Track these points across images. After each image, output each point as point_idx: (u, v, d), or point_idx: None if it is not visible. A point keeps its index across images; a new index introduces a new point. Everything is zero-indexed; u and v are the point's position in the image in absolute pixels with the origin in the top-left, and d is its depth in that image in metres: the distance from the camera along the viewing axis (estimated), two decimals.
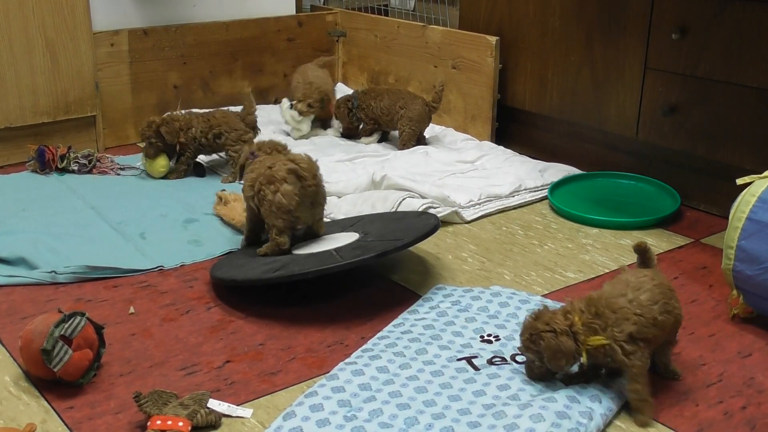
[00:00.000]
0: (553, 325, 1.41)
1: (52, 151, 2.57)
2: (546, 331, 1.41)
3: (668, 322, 1.45)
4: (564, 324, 1.41)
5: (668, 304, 1.45)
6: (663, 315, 1.43)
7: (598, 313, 1.41)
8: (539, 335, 1.42)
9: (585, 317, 1.42)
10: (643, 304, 1.42)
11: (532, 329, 1.43)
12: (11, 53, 2.59)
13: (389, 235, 1.87)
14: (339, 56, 3.43)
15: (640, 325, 1.40)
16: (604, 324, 1.41)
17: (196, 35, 3.02)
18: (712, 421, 1.44)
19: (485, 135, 2.87)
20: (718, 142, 2.28)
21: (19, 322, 1.72)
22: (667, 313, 1.44)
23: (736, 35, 2.18)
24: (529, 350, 1.46)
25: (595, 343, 1.40)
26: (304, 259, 1.82)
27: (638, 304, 1.42)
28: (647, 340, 1.41)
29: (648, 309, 1.42)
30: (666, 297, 1.45)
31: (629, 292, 1.43)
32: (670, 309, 1.45)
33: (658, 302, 1.43)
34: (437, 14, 3.13)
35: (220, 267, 1.93)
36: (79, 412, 1.45)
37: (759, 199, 1.69)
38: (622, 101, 2.51)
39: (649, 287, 1.44)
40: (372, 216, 2.13)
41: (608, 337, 1.40)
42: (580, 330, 1.41)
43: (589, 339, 1.41)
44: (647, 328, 1.41)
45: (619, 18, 2.46)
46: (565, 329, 1.41)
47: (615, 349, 1.39)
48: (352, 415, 1.41)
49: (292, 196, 1.85)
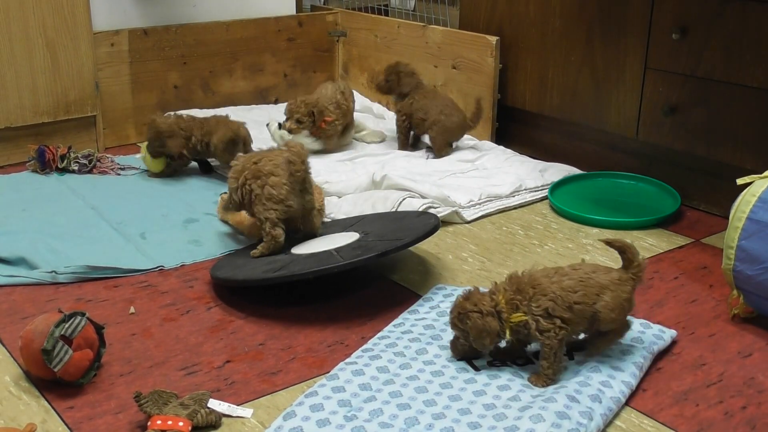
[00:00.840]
0: (480, 306, 1.48)
1: (53, 151, 2.57)
2: (473, 311, 1.48)
3: (585, 314, 1.48)
4: (490, 305, 1.48)
5: (588, 297, 1.47)
6: (580, 305, 1.47)
7: (519, 289, 1.48)
8: (467, 315, 1.48)
9: (508, 294, 1.49)
10: (563, 287, 1.47)
11: (461, 308, 1.50)
12: (11, 53, 2.59)
13: (389, 234, 1.88)
14: (339, 56, 3.43)
15: (556, 303, 1.46)
16: (524, 298, 1.48)
17: (196, 35, 3.02)
18: (713, 421, 1.44)
19: (485, 135, 2.86)
20: (718, 142, 2.28)
21: (19, 322, 1.72)
22: (585, 305, 1.47)
23: (737, 35, 2.18)
24: (456, 327, 1.53)
25: (516, 320, 1.47)
26: (304, 259, 1.82)
27: (558, 286, 1.47)
28: (564, 320, 1.46)
29: (566, 293, 1.47)
30: (589, 292, 1.48)
31: (554, 276, 1.49)
32: (589, 302, 1.48)
33: (577, 292, 1.47)
34: (437, 14, 3.13)
35: (221, 267, 1.93)
36: (80, 412, 1.45)
37: (759, 199, 1.69)
38: (622, 101, 2.51)
39: (576, 277, 1.49)
40: (372, 216, 2.13)
41: (526, 312, 1.47)
42: (503, 308, 1.48)
43: (511, 316, 1.48)
44: (563, 309, 1.46)
45: (619, 18, 2.46)
46: (490, 310, 1.48)
47: (531, 323, 1.46)
48: (353, 415, 1.41)
49: (281, 186, 1.88)
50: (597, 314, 1.49)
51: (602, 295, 1.48)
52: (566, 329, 1.47)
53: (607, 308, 1.48)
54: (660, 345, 1.63)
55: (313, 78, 3.37)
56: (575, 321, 1.48)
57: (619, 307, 1.50)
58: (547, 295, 1.47)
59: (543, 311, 1.46)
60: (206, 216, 2.27)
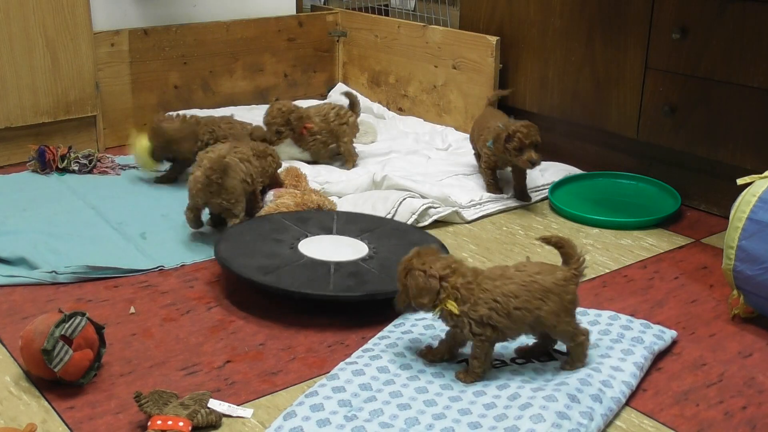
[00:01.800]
0: (427, 267, 1.47)
1: (53, 151, 2.57)
2: (418, 269, 1.47)
3: (525, 319, 1.47)
4: (441, 272, 1.47)
5: (530, 302, 1.46)
6: (520, 311, 1.46)
7: (469, 286, 1.47)
8: (411, 271, 1.48)
9: (460, 282, 1.47)
10: (505, 292, 1.46)
11: (408, 264, 1.49)
12: (11, 53, 2.59)
13: (392, 266, 1.85)
14: (339, 56, 3.43)
15: (494, 312, 1.45)
16: (468, 297, 1.46)
17: (196, 35, 3.02)
18: (713, 421, 1.44)
19: None
20: (718, 142, 2.28)
21: (19, 322, 1.72)
22: (526, 311, 1.46)
23: (737, 35, 2.18)
24: (400, 282, 1.51)
25: (449, 307, 1.46)
26: (299, 268, 1.82)
27: (501, 291, 1.46)
28: (496, 328, 1.46)
29: (507, 299, 1.45)
30: (532, 297, 1.46)
31: (499, 279, 1.48)
32: (531, 308, 1.46)
33: (519, 297, 1.46)
34: (438, 14, 3.13)
35: (228, 239, 1.94)
36: (80, 412, 1.45)
37: (759, 199, 1.69)
38: (622, 101, 2.51)
39: (519, 281, 1.47)
40: (392, 227, 2.09)
41: (462, 311, 1.46)
42: (449, 289, 1.46)
43: (447, 302, 1.46)
44: (500, 317, 1.45)
45: (619, 18, 2.46)
46: (434, 273, 1.46)
47: (465, 323, 1.46)
48: (353, 415, 1.41)
49: (195, 182, 2.04)
50: (540, 318, 1.47)
51: (546, 300, 1.46)
52: (498, 335, 1.47)
53: (550, 313, 1.47)
54: (660, 345, 1.63)
55: (313, 78, 3.37)
56: (512, 327, 1.47)
57: (564, 310, 1.48)
58: (488, 304, 1.45)
59: (478, 317, 1.45)
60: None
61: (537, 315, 1.47)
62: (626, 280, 1.97)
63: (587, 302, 1.84)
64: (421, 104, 3.11)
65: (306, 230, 2.02)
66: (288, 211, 2.14)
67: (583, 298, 1.86)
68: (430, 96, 3.07)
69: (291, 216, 2.10)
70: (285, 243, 1.95)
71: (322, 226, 2.06)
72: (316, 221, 2.08)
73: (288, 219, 2.08)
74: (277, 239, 1.96)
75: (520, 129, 2.25)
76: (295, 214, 2.12)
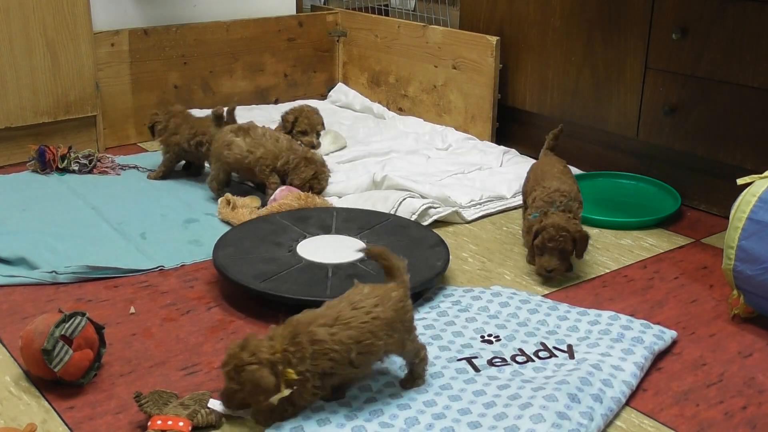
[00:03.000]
0: (259, 356, 1.32)
1: (53, 151, 2.57)
2: (251, 363, 1.32)
3: (368, 361, 1.39)
4: (269, 353, 1.33)
5: (374, 345, 1.37)
6: (362, 355, 1.37)
7: (296, 341, 1.34)
8: (243, 368, 1.32)
9: (284, 345, 1.34)
10: (344, 341, 1.35)
11: (238, 360, 1.33)
12: (11, 53, 2.59)
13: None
14: (339, 56, 3.43)
15: (335, 363, 1.35)
16: (302, 355, 1.34)
17: (196, 35, 3.02)
18: (713, 421, 1.44)
19: (486, 135, 2.86)
20: (718, 142, 2.28)
21: (19, 322, 1.72)
22: (369, 354, 1.37)
23: (737, 35, 2.18)
24: (233, 381, 1.34)
25: (291, 377, 1.34)
26: (297, 273, 1.82)
27: (338, 340, 1.35)
28: (342, 376, 1.38)
29: (346, 348, 1.35)
30: (374, 338, 1.36)
31: (334, 326, 1.36)
32: (375, 351, 1.38)
33: (361, 342, 1.36)
34: (438, 14, 3.13)
35: (226, 245, 1.93)
36: (80, 412, 1.45)
37: (759, 199, 1.69)
38: (622, 101, 2.51)
39: (357, 324, 1.36)
40: (391, 223, 2.10)
41: (301, 372, 1.34)
42: (279, 359, 1.33)
43: (287, 370, 1.33)
44: (343, 367, 1.36)
45: (619, 18, 2.46)
46: (268, 360, 1.32)
47: (307, 381, 1.35)
48: (353, 415, 1.41)
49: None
50: (388, 351, 1.41)
51: (391, 332, 1.38)
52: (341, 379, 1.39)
53: (397, 343, 1.40)
54: (660, 345, 1.63)
55: (313, 78, 3.37)
56: (355, 372, 1.39)
57: (407, 331, 1.42)
58: (327, 355, 1.34)
59: (321, 371, 1.35)
60: (206, 216, 2.27)
61: (385, 350, 1.40)
62: (626, 280, 1.97)
63: (587, 302, 1.84)
64: (421, 104, 3.11)
65: (305, 230, 2.02)
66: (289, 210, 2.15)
67: (583, 298, 1.86)
68: (430, 96, 3.07)
69: (290, 215, 2.10)
70: (284, 246, 1.95)
71: (322, 224, 2.06)
72: (315, 220, 2.08)
73: (287, 219, 2.08)
74: (275, 242, 1.96)
75: (548, 228, 1.87)
76: (295, 213, 2.12)
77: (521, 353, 1.61)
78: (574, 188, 2.02)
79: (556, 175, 2.04)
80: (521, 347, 1.63)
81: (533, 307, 1.78)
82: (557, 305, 1.79)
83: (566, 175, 2.08)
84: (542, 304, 1.79)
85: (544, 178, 2.04)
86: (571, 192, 1.98)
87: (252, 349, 1.32)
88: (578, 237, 1.89)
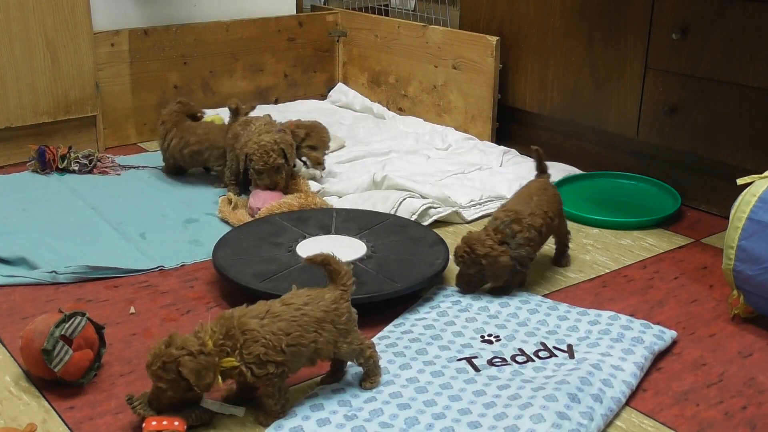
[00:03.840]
0: (189, 347, 1.33)
1: (53, 151, 2.57)
2: (183, 355, 1.33)
3: (302, 354, 1.40)
4: (198, 345, 1.34)
5: (304, 337, 1.39)
6: (293, 347, 1.38)
7: (229, 334, 1.36)
8: (175, 361, 1.33)
9: (216, 337, 1.36)
10: (274, 332, 1.37)
11: (166, 356, 1.33)
12: (11, 53, 2.59)
13: (391, 266, 1.86)
14: (339, 56, 3.43)
15: (268, 349, 1.36)
16: (234, 345, 1.36)
17: (196, 35, 3.02)
18: (713, 421, 1.44)
19: (485, 135, 2.87)
20: (718, 142, 2.28)
21: (19, 322, 1.72)
22: (301, 345, 1.39)
23: (737, 35, 2.18)
24: (161, 380, 1.35)
25: (228, 365, 1.36)
26: (297, 272, 1.82)
27: (269, 330, 1.37)
28: (278, 364, 1.38)
29: (277, 338, 1.37)
30: (303, 331, 1.39)
31: (265, 318, 1.39)
32: (305, 342, 1.39)
33: (290, 333, 1.38)
34: (438, 14, 3.13)
35: (225, 246, 1.93)
36: (80, 412, 1.45)
37: (759, 199, 1.69)
38: (622, 101, 2.51)
39: (288, 317, 1.39)
40: (390, 223, 2.10)
41: (238, 360, 1.36)
42: (212, 351, 1.35)
43: (222, 361, 1.35)
44: (276, 353, 1.37)
45: (619, 18, 2.46)
46: (200, 350, 1.34)
47: (244, 372, 1.36)
48: (353, 415, 1.41)
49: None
50: (318, 351, 1.42)
51: (321, 331, 1.40)
52: (284, 370, 1.39)
53: (328, 343, 1.42)
54: (660, 345, 1.63)
55: (313, 78, 3.38)
56: (293, 360, 1.40)
57: (341, 334, 1.43)
58: (259, 342, 1.35)
59: (255, 358, 1.36)
60: (206, 216, 2.28)
61: (314, 348, 1.41)
62: (626, 280, 1.97)
63: (587, 302, 1.84)
64: (421, 104, 3.11)
65: (305, 231, 2.02)
66: (289, 210, 2.14)
67: (583, 298, 1.86)
68: (430, 96, 3.07)
69: (290, 216, 2.10)
70: (283, 246, 1.95)
71: (321, 225, 2.06)
72: (315, 220, 2.08)
73: (287, 220, 2.08)
74: (275, 243, 1.96)
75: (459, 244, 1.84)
76: (294, 214, 2.12)
77: (521, 353, 1.61)
78: (531, 212, 1.84)
79: (522, 197, 1.92)
80: (521, 347, 1.63)
81: (533, 307, 1.78)
82: (557, 305, 1.79)
83: (531, 199, 1.89)
84: (542, 304, 1.79)
85: (513, 198, 1.95)
86: (520, 215, 1.82)
87: (180, 344, 1.34)
88: (487, 261, 1.78)
